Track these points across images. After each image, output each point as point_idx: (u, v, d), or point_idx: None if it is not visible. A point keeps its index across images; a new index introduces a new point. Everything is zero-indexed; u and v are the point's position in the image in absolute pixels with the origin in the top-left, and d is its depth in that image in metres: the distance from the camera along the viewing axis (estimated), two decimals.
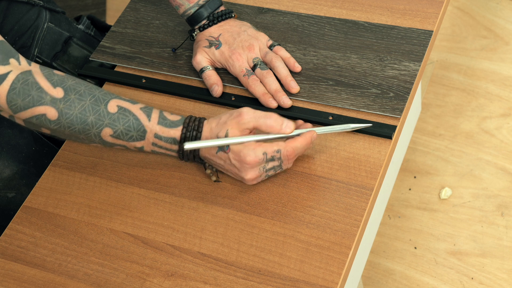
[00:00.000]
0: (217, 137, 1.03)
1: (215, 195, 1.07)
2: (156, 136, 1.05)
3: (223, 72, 1.20)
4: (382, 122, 1.11)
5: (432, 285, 1.50)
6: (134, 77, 1.23)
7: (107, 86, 1.24)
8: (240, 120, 1.03)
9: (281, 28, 1.25)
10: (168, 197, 1.08)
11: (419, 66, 1.16)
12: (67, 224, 1.08)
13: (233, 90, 1.19)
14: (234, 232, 1.03)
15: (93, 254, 1.04)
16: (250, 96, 1.17)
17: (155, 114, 1.05)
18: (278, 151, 1.03)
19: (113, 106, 1.03)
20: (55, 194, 1.12)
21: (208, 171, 1.08)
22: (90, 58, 1.27)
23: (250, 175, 1.04)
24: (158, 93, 1.21)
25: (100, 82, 1.26)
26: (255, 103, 1.15)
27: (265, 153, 1.02)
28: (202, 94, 1.18)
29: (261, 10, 1.28)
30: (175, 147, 1.06)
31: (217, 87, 1.17)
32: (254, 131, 1.04)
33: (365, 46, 1.20)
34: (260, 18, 1.27)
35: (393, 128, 1.09)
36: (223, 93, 1.18)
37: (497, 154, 1.64)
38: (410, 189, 1.63)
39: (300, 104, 1.15)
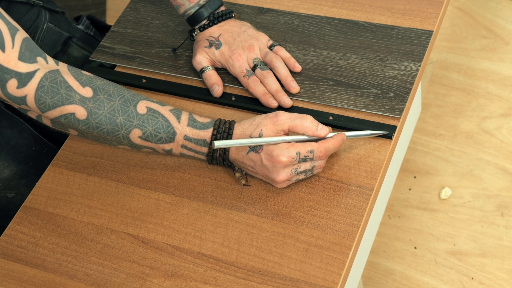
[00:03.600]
0: (250, 137, 1.03)
1: (215, 195, 1.07)
2: (186, 138, 1.04)
3: (223, 72, 1.20)
4: (382, 122, 1.10)
5: (432, 285, 1.50)
6: (134, 77, 1.23)
7: None
8: (276, 120, 1.02)
9: (281, 28, 1.25)
10: (168, 197, 1.08)
11: (419, 66, 1.16)
12: (67, 224, 1.08)
13: (233, 90, 1.18)
14: (234, 232, 1.03)
15: (93, 254, 1.04)
16: (250, 96, 1.17)
17: (184, 116, 1.05)
18: (311, 151, 1.02)
19: (142, 107, 1.03)
20: (55, 194, 1.12)
21: (238, 174, 1.07)
22: (90, 58, 1.27)
23: (282, 176, 1.02)
24: (158, 93, 1.21)
25: None
26: (256, 103, 1.15)
27: (298, 153, 1.01)
28: (202, 94, 1.18)
29: (261, 10, 1.28)
30: (205, 149, 1.05)
31: (217, 87, 1.17)
32: (287, 133, 1.04)
33: (365, 46, 1.20)
34: (260, 18, 1.27)
35: (393, 128, 1.09)
36: (223, 93, 1.18)
37: (497, 154, 1.64)
38: (410, 189, 1.63)
39: (300, 104, 1.15)
